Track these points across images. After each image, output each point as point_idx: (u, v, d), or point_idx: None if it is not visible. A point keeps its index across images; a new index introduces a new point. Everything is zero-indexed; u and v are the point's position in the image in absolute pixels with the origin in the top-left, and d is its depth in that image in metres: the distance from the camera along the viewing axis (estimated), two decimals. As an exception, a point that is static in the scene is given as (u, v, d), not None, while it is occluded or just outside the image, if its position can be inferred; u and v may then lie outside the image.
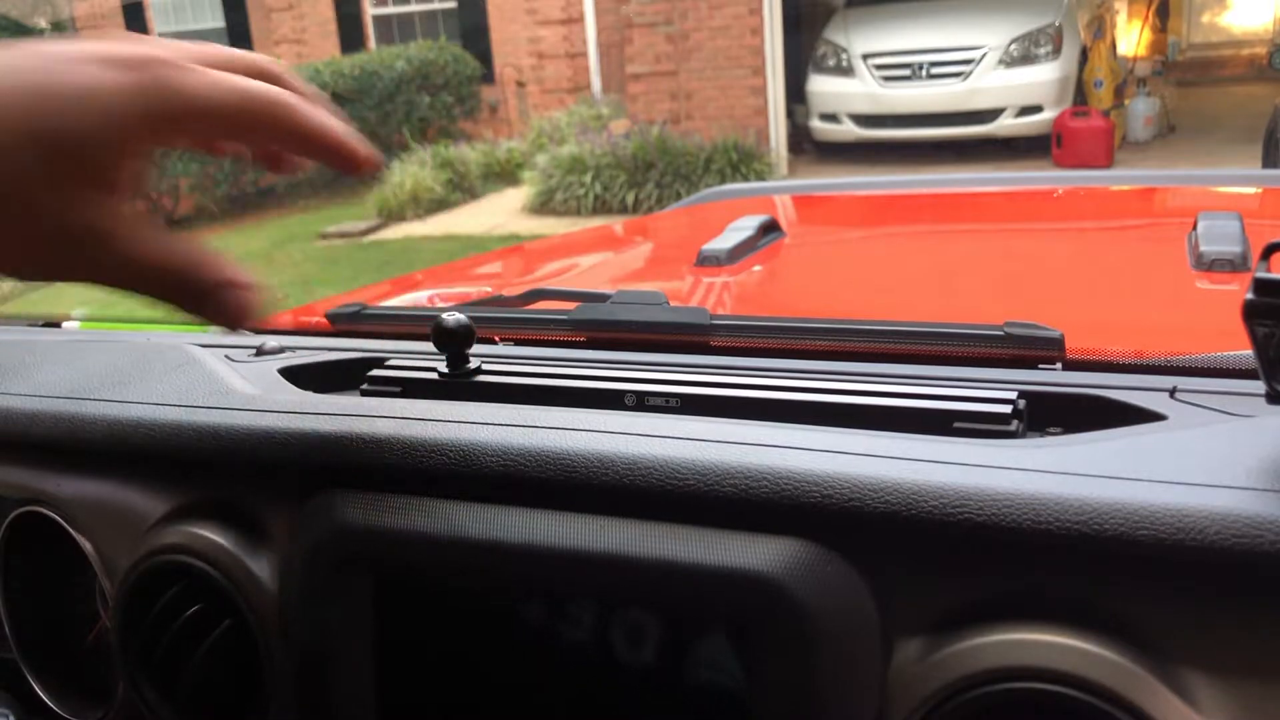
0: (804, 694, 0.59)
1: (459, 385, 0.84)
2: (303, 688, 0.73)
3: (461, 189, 8.51)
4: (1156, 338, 0.90)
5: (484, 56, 10.35)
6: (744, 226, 1.40)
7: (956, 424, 0.69)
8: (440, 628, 0.70)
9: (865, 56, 8.12)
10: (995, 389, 0.73)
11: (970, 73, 7.82)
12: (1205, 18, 13.90)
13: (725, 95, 8.49)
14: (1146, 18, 9.22)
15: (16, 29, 11.52)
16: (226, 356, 0.94)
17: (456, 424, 0.71)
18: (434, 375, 0.85)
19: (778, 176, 7.88)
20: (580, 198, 7.50)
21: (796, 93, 8.61)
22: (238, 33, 11.48)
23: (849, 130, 8.25)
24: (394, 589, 0.70)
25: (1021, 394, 0.72)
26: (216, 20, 11.66)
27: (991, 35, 7.84)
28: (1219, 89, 10.46)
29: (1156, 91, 8.46)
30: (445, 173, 8.44)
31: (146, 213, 0.49)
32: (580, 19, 9.73)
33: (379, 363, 0.90)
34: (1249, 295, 0.54)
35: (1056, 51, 7.82)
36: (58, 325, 1.25)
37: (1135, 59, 8.80)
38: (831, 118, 8.34)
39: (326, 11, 11.08)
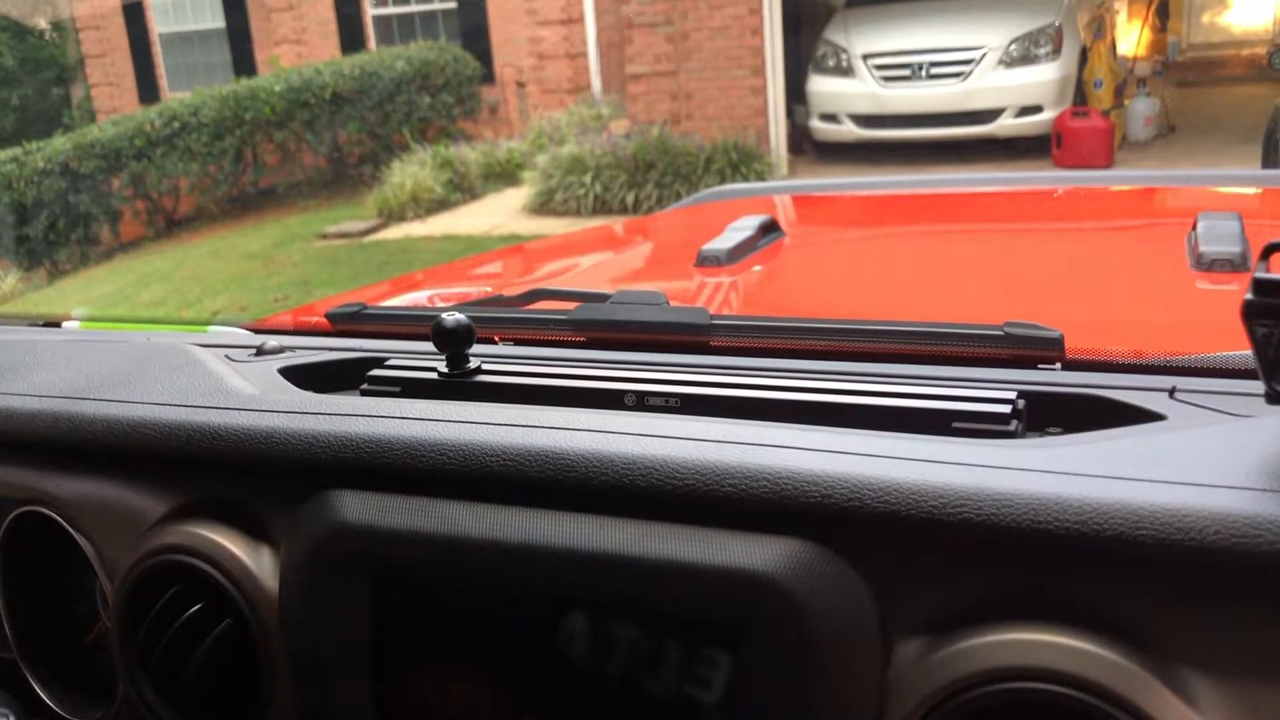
0: (803, 693, 0.59)
1: (459, 385, 0.84)
2: (302, 686, 0.73)
3: (461, 189, 8.51)
4: (1156, 338, 0.90)
5: (484, 57, 10.34)
6: (744, 226, 1.40)
7: (956, 424, 0.69)
8: (438, 627, 0.70)
9: (865, 57, 8.11)
10: (994, 389, 0.73)
11: (970, 73, 7.82)
12: (1205, 18, 13.89)
13: (725, 95, 8.49)
14: (1146, 18, 9.21)
15: (17, 29, 11.50)
16: (226, 356, 0.94)
17: (456, 424, 0.71)
18: (434, 375, 0.85)
19: (778, 176, 7.88)
20: (580, 198, 7.50)
21: (796, 93, 8.60)
22: (238, 33, 11.47)
23: (849, 130, 8.25)
24: (393, 588, 0.70)
25: (1021, 394, 0.72)
26: (217, 21, 11.65)
27: (991, 35, 7.83)
28: (1219, 89, 10.44)
29: (1156, 92, 8.45)
30: (445, 173, 8.44)
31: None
32: (580, 19, 9.72)
33: (379, 363, 0.90)
34: (1248, 295, 0.54)
35: (1056, 52, 7.81)
36: (58, 325, 1.25)
37: (1135, 59, 8.78)
38: (831, 118, 8.33)
39: (326, 12, 11.07)
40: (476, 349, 0.85)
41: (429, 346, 0.86)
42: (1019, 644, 0.56)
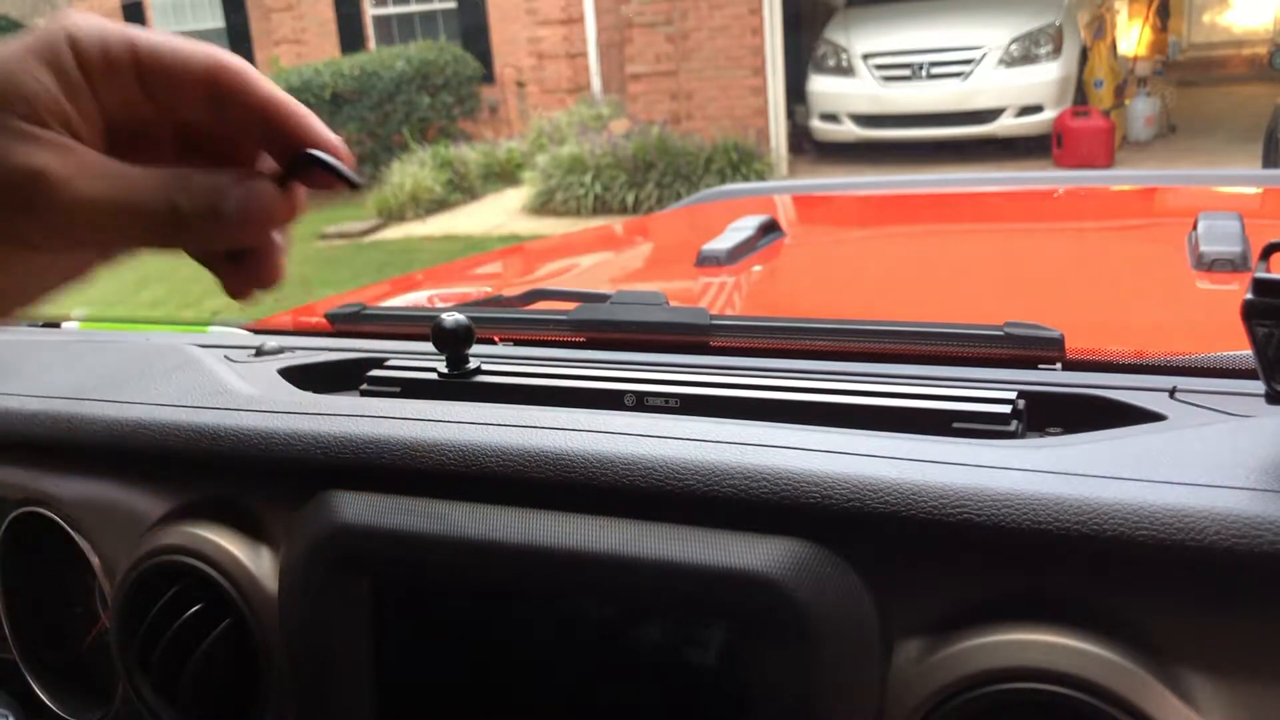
0: (803, 694, 0.59)
1: (458, 386, 0.83)
2: (302, 686, 0.73)
3: (461, 189, 8.51)
4: (1156, 338, 0.90)
5: (484, 57, 10.35)
6: (744, 226, 1.40)
7: (956, 424, 0.69)
8: (438, 627, 0.70)
9: (865, 56, 8.12)
10: (995, 389, 0.73)
11: (970, 72, 7.82)
12: (1206, 17, 13.90)
13: (725, 95, 8.49)
14: (1147, 17, 9.21)
15: (17, 30, 11.51)
16: (226, 357, 0.94)
17: (456, 424, 0.71)
18: (433, 376, 0.85)
19: (778, 176, 7.88)
20: (580, 198, 7.50)
21: (797, 93, 8.60)
22: (237, 33, 11.48)
23: (849, 130, 8.25)
24: (392, 588, 0.70)
25: (1021, 394, 0.72)
26: (216, 21, 11.66)
27: (992, 35, 7.84)
28: (1219, 89, 10.45)
29: (1157, 91, 8.45)
30: (445, 173, 8.44)
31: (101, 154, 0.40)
32: (580, 19, 9.72)
33: (378, 363, 0.90)
34: (1248, 295, 0.54)
35: (1057, 51, 7.82)
36: (57, 325, 1.25)
37: (1136, 59, 8.78)
38: (832, 118, 8.33)
39: (326, 12, 11.07)
40: (476, 349, 0.85)
41: (429, 347, 0.86)
42: (1019, 644, 0.56)
